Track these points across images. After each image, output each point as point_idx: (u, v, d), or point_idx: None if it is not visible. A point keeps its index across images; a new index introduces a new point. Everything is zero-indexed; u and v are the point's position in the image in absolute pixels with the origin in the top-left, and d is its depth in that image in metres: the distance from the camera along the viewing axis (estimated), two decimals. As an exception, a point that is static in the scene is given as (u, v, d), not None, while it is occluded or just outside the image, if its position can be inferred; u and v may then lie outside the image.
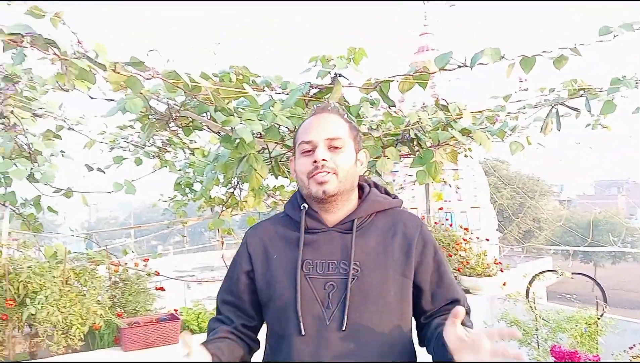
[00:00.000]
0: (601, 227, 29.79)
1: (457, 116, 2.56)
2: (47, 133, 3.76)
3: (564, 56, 2.00)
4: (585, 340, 3.61)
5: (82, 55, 1.63)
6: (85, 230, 39.23)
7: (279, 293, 1.45)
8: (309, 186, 1.45)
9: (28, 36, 1.52)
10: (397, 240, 1.49)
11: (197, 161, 3.79)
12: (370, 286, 1.41)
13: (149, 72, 1.76)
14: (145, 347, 3.57)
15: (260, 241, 1.55)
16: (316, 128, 1.47)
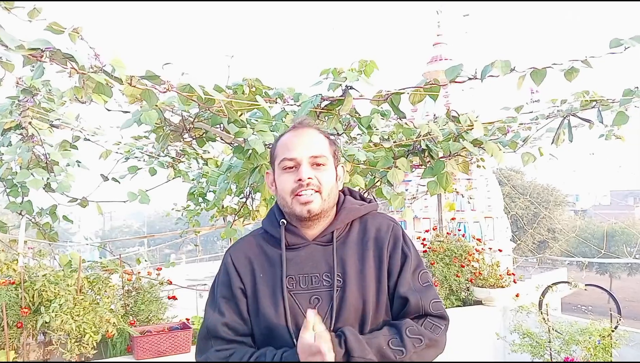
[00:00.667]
0: (617, 238, 29.37)
1: (469, 127, 2.57)
2: (63, 143, 3.82)
3: (574, 68, 2.00)
4: (599, 352, 3.57)
5: (100, 69, 1.67)
6: (99, 238, 39.63)
7: (266, 312, 1.44)
8: (292, 205, 1.44)
9: (47, 51, 1.57)
10: (371, 245, 1.49)
11: (210, 171, 3.82)
12: (352, 295, 1.42)
13: (164, 85, 1.79)
14: (157, 355, 3.60)
15: (247, 259, 1.52)
16: (299, 145, 1.46)
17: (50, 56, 1.58)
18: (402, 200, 2.75)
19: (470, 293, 5.06)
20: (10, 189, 3.72)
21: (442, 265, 4.98)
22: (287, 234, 1.48)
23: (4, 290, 3.47)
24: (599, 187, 55.06)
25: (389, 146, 2.61)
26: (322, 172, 1.45)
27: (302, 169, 1.42)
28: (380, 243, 1.49)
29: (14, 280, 3.57)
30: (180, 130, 2.44)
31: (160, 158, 3.67)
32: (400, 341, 1.36)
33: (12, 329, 3.48)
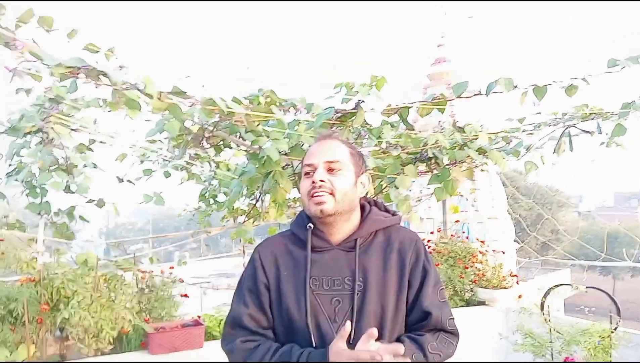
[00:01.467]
0: (620, 239, 29.37)
1: (473, 137, 2.69)
2: (80, 146, 3.95)
3: (574, 85, 2.12)
4: (598, 353, 3.68)
5: (132, 86, 1.80)
6: (104, 235, 39.71)
7: (287, 308, 1.55)
8: (309, 205, 1.57)
9: (83, 69, 1.70)
10: (394, 256, 1.60)
11: (222, 174, 3.95)
12: (372, 300, 1.53)
13: (189, 100, 1.93)
14: (171, 351, 3.73)
15: (272, 256, 1.63)
16: (318, 152, 1.60)
17: (86, 74, 1.71)
18: (409, 205, 2.87)
19: (474, 294, 5.18)
20: (29, 190, 3.85)
21: (447, 267, 5.10)
22: (313, 237, 1.59)
23: (24, 287, 3.61)
24: (603, 189, 54.92)
25: (397, 154, 2.74)
26: (337, 176, 1.56)
27: (317, 173, 1.55)
28: (403, 255, 1.59)
29: (33, 277, 3.72)
30: (199, 138, 2.58)
31: (174, 161, 3.80)
32: (424, 356, 1.48)
33: (32, 324, 3.62)
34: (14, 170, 3.87)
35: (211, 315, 4.58)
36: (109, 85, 1.76)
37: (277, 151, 2.44)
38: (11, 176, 3.81)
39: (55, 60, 1.64)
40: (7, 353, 3.41)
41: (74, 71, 1.69)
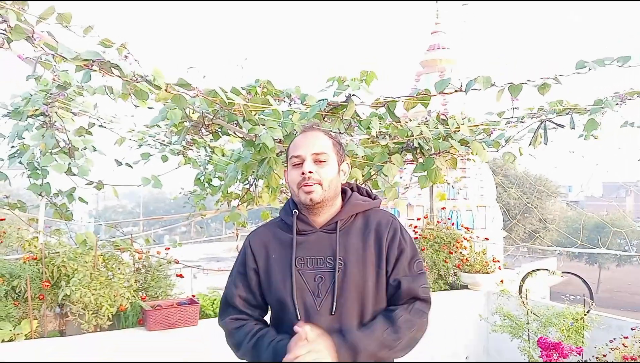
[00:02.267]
0: (607, 229, 29.86)
1: (456, 129, 2.87)
2: (79, 130, 4.08)
3: (547, 84, 2.29)
4: (571, 334, 3.90)
5: (142, 78, 1.95)
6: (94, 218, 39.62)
7: (277, 286, 1.73)
8: (299, 194, 1.73)
9: (97, 61, 1.84)
10: (372, 236, 1.76)
11: (218, 159, 4.11)
12: (353, 277, 1.70)
13: (193, 91, 2.08)
14: (167, 327, 3.91)
15: (262, 243, 1.81)
16: (304, 144, 1.75)
17: (100, 66, 1.86)
18: (395, 192, 3.05)
19: (457, 278, 5.40)
20: (31, 172, 3.99)
21: (432, 251, 5.31)
22: (298, 222, 1.76)
23: (27, 264, 3.76)
24: (591, 179, 55.40)
25: (385, 144, 2.90)
26: (323, 167, 1.73)
27: (305, 165, 1.71)
28: (380, 234, 1.76)
29: (35, 255, 3.87)
30: (199, 125, 2.73)
31: (172, 146, 3.95)
32: (396, 330, 1.64)
33: (34, 301, 3.77)
34: (16, 152, 4.01)
35: (205, 295, 4.76)
36: (120, 77, 1.92)
37: (272, 139, 2.60)
38: (14, 158, 3.95)
39: (73, 53, 1.78)
40: (11, 327, 3.57)
41: (89, 63, 1.84)
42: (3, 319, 3.59)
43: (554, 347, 3.44)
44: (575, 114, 3.18)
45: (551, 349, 3.46)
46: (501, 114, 3.01)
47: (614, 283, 35.12)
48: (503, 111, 2.98)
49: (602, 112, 3.04)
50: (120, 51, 1.89)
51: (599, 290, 32.59)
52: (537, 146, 2.96)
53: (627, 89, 2.70)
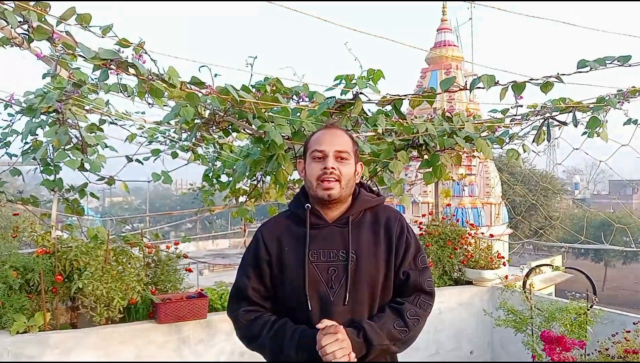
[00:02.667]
0: (613, 227, 29.74)
1: (460, 126, 2.93)
2: (91, 126, 4.16)
3: (550, 82, 2.35)
4: (575, 328, 3.96)
5: (158, 77, 2.03)
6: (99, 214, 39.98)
7: (291, 278, 1.79)
8: (316, 188, 1.80)
9: (115, 60, 1.92)
10: (382, 231, 1.85)
11: (226, 156, 4.18)
12: (364, 269, 1.78)
13: (206, 90, 2.15)
14: (177, 320, 3.99)
15: (274, 235, 1.86)
16: (329, 140, 1.81)
17: (117, 65, 1.93)
18: (400, 188, 3.11)
19: (462, 274, 5.45)
20: (44, 168, 4.07)
21: (437, 247, 5.37)
22: (311, 215, 1.83)
23: (40, 258, 3.85)
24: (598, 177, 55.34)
25: (391, 140, 2.97)
26: (344, 165, 1.80)
27: (328, 160, 1.78)
28: (389, 229, 1.85)
29: (48, 249, 3.95)
30: (210, 122, 2.80)
31: (183, 142, 4.03)
32: (404, 323, 1.76)
33: (48, 294, 3.86)
34: (29, 148, 4.09)
35: (212, 289, 4.84)
36: (137, 75, 1.99)
37: (281, 136, 2.67)
38: (27, 154, 4.03)
39: (92, 52, 1.86)
40: (25, 320, 3.66)
41: (107, 62, 1.91)
42: (17, 311, 3.68)
43: (557, 340, 3.50)
44: (579, 112, 3.24)
45: (554, 343, 3.52)
46: (505, 111, 3.07)
47: (620, 281, 35.05)
48: (507, 109, 3.04)
49: (605, 110, 3.09)
50: (137, 50, 1.97)
51: (605, 287, 32.55)
52: (540, 143, 3.03)
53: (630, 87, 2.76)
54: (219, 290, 4.81)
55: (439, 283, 5.25)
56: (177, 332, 4.02)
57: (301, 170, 1.90)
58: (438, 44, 17.36)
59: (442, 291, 5.13)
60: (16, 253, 3.90)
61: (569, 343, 3.49)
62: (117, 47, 1.95)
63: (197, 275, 12.83)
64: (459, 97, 14.70)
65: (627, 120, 3.46)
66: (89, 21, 1.90)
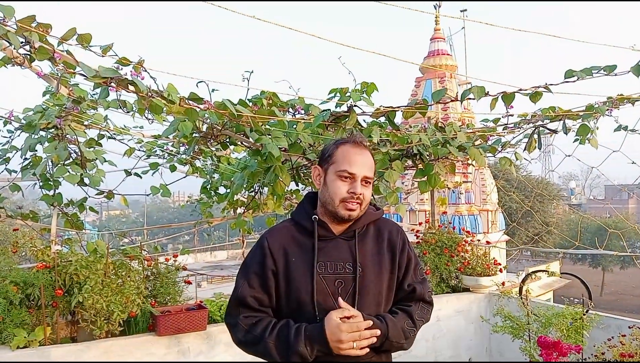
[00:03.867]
0: (610, 232, 29.72)
1: (453, 135, 2.99)
2: (90, 141, 4.21)
3: (538, 92, 2.42)
4: (571, 333, 4.00)
5: (157, 93, 2.08)
6: (97, 227, 40.05)
7: (298, 289, 1.80)
8: (338, 207, 1.80)
9: (115, 78, 1.97)
10: (385, 244, 1.91)
11: (224, 168, 4.23)
12: (370, 281, 1.83)
13: (204, 105, 2.21)
14: (176, 332, 4.02)
15: (281, 244, 1.84)
16: (360, 163, 1.81)
17: (117, 83, 1.99)
18: (396, 197, 3.16)
19: (459, 281, 5.50)
20: (43, 183, 4.11)
21: (434, 255, 5.41)
22: (318, 227, 1.84)
23: (40, 273, 3.87)
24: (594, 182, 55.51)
25: (386, 151, 3.03)
26: (367, 190, 1.84)
27: (357, 185, 1.79)
28: (393, 243, 1.92)
29: (48, 264, 3.98)
30: (208, 136, 2.86)
31: (181, 156, 4.07)
32: (413, 323, 1.86)
33: (48, 308, 3.88)
34: (29, 164, 4.14)
35: (212, 301, 4.87)
36: (136, 93, 2.04)
37: (278, 148, 2.72)
38: (27, 170, 4.07)
39: (92, 71, 1.91)
40: (25, 334, 3.68)
41: (107, 80, 1.97)
42: (18, 326, 3.70)
43: (554, 345, 3.53)
44: (570, 120, 3.31)
45: (551, 348, 3.56)
46: (497, 120, 3.14)
47: (618, 286, 35.08)
48: (498, 118, 3.11)
49: (595, 117, 3.16)
50: (136, 68, 2.02)
51: (603, 292, 32.57)
52: (532, 151, 3.09)
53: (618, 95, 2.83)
54: (217, 301, 4.84)
55: (436, 290, 5.29)
56: (176, 344, 4.04)
57: (316, 176, 1.90)
58: (431, 53, 17.54)
59: (439, 298, 5.17)
60: (16, 268, 3.93)
61: (565, 348, 3.53)
62: (117, 65, 2.00)
63: (195, 287, 12.81)
64: (453, 106, 14.82)
65: (617, 126, 3.53)
66: (89, 41, 1.96)
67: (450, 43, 17.74)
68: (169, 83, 2.12)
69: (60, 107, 3.13)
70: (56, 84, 2.06)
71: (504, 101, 2.43)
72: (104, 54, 1.95)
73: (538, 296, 13.71)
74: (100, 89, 2.06)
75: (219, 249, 26.88)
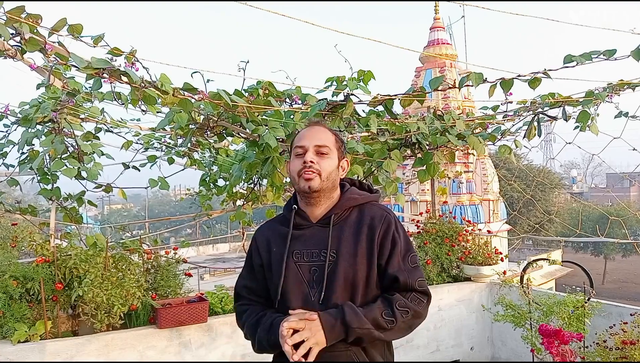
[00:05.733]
0: (611, 220, 29.68)
1: (451, 124, 2.96)
2: (87, 135, 4.19)
3: (537, 78, 2.39)
4: (573, 321, 3.99)
5: (150, 84, 2.05)
6: (99, 221, 40.18)
7: (276, 277, 1.85)
8: (299, 182, 1.84)
9: (108, 69, 1.94)
10: (365, 230, 1.85)
11: (222, 160, 4.20)
12: (343, 269, 1.79)
13: (198, 95, 2.18)
14: (177, 325, 4.02)
15: (265, 238, 1.95)
16: (308, 137, 1.86)
17: (109, 73, 1.96)
18: (395, 187, 3.14)
19: (460, 271, 5.49)
20: (41, 177, 4.09)
21: (435, 245, 5.40)
22: (295, 216, 1.88)
23: (40, 267, 3.86)
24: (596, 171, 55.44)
25: (384, 140, 3.00)
26: (324, 159, 1.84)
27: (307, 155, 1.82)
28: (373, 228, 1.85)
29: (47, 258, 3.97)
30: (204, 128, 2.83)
31: (178, 148, 4.05)
32: (392, 313, 1.75)
33: (48, 302, 3.88)
34: (26, 158, 4.12)
35: (213, 293, 4.86)
36: (129, 83, 2.02)
37: (275, 139, 2.70)
38: (24, 164, 4.05)
39: (84, 62, 1.89)
40: (26, 329, 3.68)
41: (99, 71, 1.94)
42: (18, 320, 3.70)
43: (555, 333, 3.53)
44: (571, 107, 3.28)
45: (552, 336, 3.55)
46: (496, 108, 3.10)
47: (621, 274, 35.09)
48: (497, 105, 3.08)
49: (595, 103, 3.13)
50: (128, 59, 1.99)
51: (605, 280, 32.59)
52: (532, 138, 3.06)
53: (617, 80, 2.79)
54: (219, 293, 4.83)
55: (437, 280, 5.28)
56: (178, 337, 4.04)
57: (288, 170, 1.95)
58: (431, 42, 17.42)
59: (441, 288, 5.16)
60: (16, 263, 3.91)
61: (567, 336, 3.52)
62: (110, 56, 1.98)
63: (198, 280, 12.84)
64: (454, 95, 14.76)
65: (617, 113, 3.50)
66: (80, 31, 1.93)
67: (450, 32, 17.62)
68: (161, 73, 2.09)
69: (55, 101, 3.11)
70: (47, 76, 2.04)
71: (503, 88, 2.40)
72: (96, 44, 1.93)
73: (540, 285, 13.72)
74: (93, 81, 2.04)
75: (221, 242, 26.93)
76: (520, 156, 29.29)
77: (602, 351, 3.69)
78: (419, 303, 1.82)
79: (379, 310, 1.75)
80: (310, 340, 1.65)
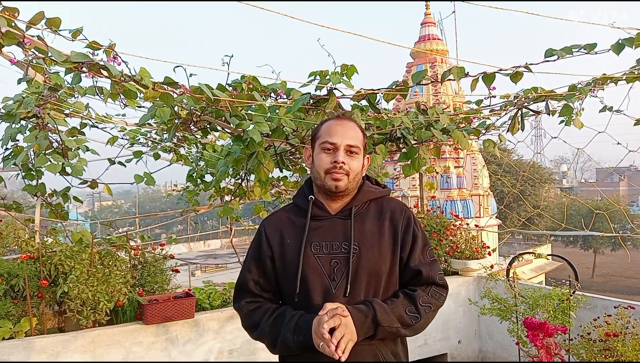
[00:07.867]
0: (600, 214, 29.94)
1: (435, 118, 2.97)
2: (72, 130, 4.15)
3: (519, 72, 2.40)
4: (558, 314, 4.02)
5: (130, 78, 2.04)
6: (89, 218, 39.90)
7: (291, 269, 1.78)
8: (325, 179, 1.78)
9: (87, 63, 1.92)
10: (387, 223, 1.83)
11: (209, 155, 4.19)
12: (367, 262, 1.76)
13: (180, 89, 2.16)
14: (164, 320, 4.00)
15: (277, 229, 1.85)
16: (341, 133, 1.78)
17: (88, 68, 1.94)
18: (382, 181, 3.14)
19: (448, 264, 5.51)
20: (25, 173, 4.06)
21: (422, 239, 5.42)
22: (313, 207, 1.82)
23: (24, 263, 3.84)
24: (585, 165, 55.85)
25: (370, 135, 3.00)
26: (353, 159, 1.79)
27: (339, 154, 1.76)
28: (395, 222, 1.83)
29: (32, 255, 3.94)
30: (188, 122, 2.82)
31: (163, 143, 4.03)
32: (416, 309, 1.74)
33: (33, 299, 3.85)
34: (10, 154, 4.08)
35: (201, 289, 4.85)
36: (109, 77, 2.00)
37: (260, 134, 2.69)
38: (8, 160, 4.02)
39: (63, 56, 1.87)
40: (11, 326, 3.65)
41: (78, 65, 1.92)
42: (3, 317, 3.67)
43: (540, 326, 3.55)
44: (554, 101, 3.29)
45: (537, 329, 3.57)
46: (479, 102, 3.11)
47: (610, 268, 35.42)
48: (481, 100, 3.09)
49: (578, 98, 3.14)
50: (107, 52, 1.98)
51: (595, 274, 32.88)
52: (515, 133, 3.08)
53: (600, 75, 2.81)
54: (207, 289, 4.82)
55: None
56: (164, 332, 4.03)
57: (307, 157, 1.88)
58: (422, 37, 17.45)
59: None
60: (0, 259, 3.88)
61: (551, 328, 3.54)
62: (89, 50, 1.96)
63: (189, 276, 12.82)
64: (444, 91, 14.79)
65: (602, 107, 3.52)
66: (58, 25, 1.91)
67: (441, 28, 17.64)
68: (141, 67, 2.08)
69: (37, 96, 3.08)
70: (26, 69, 2.01)
71: (485, 82, 2.40)
72: (74, 38, 1.91)
73: (530, 279, 13.82)
74: (72, 75, 2.02)
75: (213, 238, 26.89)
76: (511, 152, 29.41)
77: (587, 343, 3.73)
78: (439, 297, 1.82)
79: (403, 307, 1.74)
80: (346, 336, 1.60)
